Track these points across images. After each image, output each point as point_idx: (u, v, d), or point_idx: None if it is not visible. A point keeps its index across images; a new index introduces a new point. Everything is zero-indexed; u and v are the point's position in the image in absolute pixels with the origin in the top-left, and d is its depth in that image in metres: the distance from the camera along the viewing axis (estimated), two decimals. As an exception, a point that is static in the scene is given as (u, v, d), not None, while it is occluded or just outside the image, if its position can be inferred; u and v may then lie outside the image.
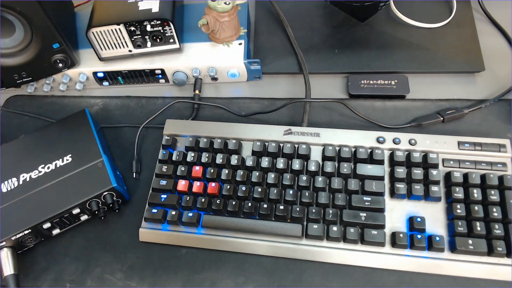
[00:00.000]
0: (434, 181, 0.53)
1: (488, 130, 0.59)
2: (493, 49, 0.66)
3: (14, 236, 0.52)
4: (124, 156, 0.63)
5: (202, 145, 0.58)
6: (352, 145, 0.56)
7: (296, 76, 0.68)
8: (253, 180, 0.55)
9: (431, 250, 0.50)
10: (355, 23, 0.71)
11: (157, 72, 0.67)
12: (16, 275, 0.51)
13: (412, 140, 0.56)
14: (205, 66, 0.66)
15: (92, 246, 0.56)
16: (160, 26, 0.62)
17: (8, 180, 0.56)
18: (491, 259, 0.49)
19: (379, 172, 0.54)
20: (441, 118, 0.60)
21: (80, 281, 0.53)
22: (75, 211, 0.54)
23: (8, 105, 0.70)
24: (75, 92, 0.70)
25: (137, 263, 0.54)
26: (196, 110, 0.66)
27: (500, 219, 0.50)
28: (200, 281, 0.52)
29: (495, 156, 0.54)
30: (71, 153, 0.57)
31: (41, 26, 0.59)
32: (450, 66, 0.65)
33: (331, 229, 0.51)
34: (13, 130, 0.67)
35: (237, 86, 0.69)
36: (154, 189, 0.57)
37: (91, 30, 0.62)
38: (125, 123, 0.66)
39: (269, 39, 0.71)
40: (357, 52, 0.67)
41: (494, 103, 0.61)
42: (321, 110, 0.64)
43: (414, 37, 0.68)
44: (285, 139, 0.58)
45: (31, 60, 0.62)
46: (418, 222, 0.50)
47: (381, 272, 0.50)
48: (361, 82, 0.64)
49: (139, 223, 0.56)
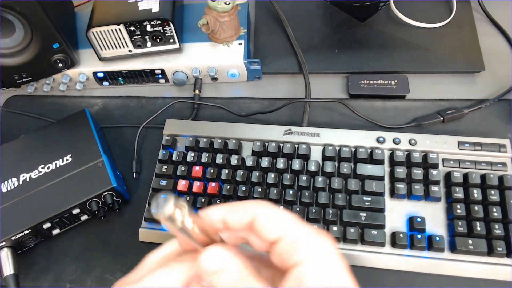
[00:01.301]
0: (434, 181, 0.53)
1: (488, 130, 0.59)
2: (493, 49, 0.66)
3: (14, 236, 0.52)
4: (124, 156, 0.63)
5: (202, 145, 0.58)
6: (352, 145, 0.56)
7: (296, 76, 0.68)
8: (253, 180, 0.55)
9: (431, 250, 0.50)
10: (355, 23, 0.71)
11: (157, 72, 0.67)
12: (16, 275, 0.51)
13: (412, 140, 0.56)
14: (205, 66, 0.66)
15: (92, 246, 0.56)
16: (160, 26, 0.62)
17: (8, 180, 0.56)
18: (491, 259, 0.49)
19: (379, 172, 0.54)
20: (441, 118, 0.60)
21: (80, 281, 0.53)
22: (75, 211, 0.54)
23: (8, 105, 0.70)
24: (75, 92, 0.70)
25: (137, 263, 0.54)
26: (196, 110, 0.66)
27: (500, 219, 0.50)
28: (200, 281, 0.52)
29: (495, 156, 0.54)
30: (71, 153, 0.57)
31: (41, 26, 0.59)
32: (450, 66, 0.65)
33: (331, 229, 0.51)
34: (13, 130, 0.67)
35: (237, 86, 0.69)
36: (154, 189, 0.57)
37: (91, 30, 0.62)
38: (125, 123, 0.66)
39: (269, 39, 0.71)
40: (357, 52, 0.67)
41: (494, 103, 0.61)
42: (321, 110, 0.64)
43: (414, 37, 0.68)
44: (285, 139, 0.58)
45: (31, 60, 0.62)
46: (418, 222, 0.50)
47: (381, 272, 0.50)
48: (361, 82, 0.64)
49: (139, 223, 0.56)
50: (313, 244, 0.26)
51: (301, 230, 0.27)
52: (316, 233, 0.27)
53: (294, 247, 0.26)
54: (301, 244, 0.26)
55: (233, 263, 0.26)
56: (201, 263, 0.26)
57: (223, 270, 0.26)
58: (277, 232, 0.27)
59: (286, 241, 0.27)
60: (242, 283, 0.25)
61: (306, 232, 0.27)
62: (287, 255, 0.26)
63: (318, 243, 0.27)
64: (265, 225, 0.27)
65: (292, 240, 0.27)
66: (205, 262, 0.26)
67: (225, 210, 0.28)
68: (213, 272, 0.26)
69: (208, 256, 0.26)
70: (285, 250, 0.27)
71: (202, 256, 0.26)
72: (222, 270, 0.26)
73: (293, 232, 0.27)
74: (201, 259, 0.26)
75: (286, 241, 0.27)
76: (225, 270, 0.26)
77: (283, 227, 0.27)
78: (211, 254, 0.26)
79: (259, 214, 0.28)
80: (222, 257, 0.26)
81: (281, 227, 0.27)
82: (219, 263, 0.26)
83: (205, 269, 0.26)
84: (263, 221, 0.27)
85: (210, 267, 0.26)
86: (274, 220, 0.27)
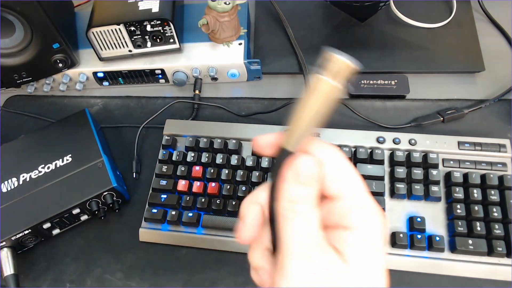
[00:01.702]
0: (434, 181, 0.53)
1: (488, 130, 0.59)
2: (493, 49, 0.66)
3: (14, 236, 0.52)
4: (124, 156, 0.63)
5: (202, 145, 0.58)
6: (352, 145, 0.56)
7: (296, 76, 0.68)
8: (253, 180, 0.55)
9: (431, 250, 0.50)
10: (355, 23, 0.71)
11: (157, 72, 0.67)
12: (16, 275, 0.51)
13: (412, 140, 0.56)
14: (205, 66, 0.66)
15: (92, 246, 0.56)
16: (160, 26, 0.62)
17: (8, 180, 0.56)
18: (491, 259, 0.49)
19: (379, 172, 0.54)
20: (441, 118, 0.60)
21: (80, 281, 0.53)
22: (75, 211, 0.54)
23: (8, 105, 0.70)
24: (75, 92, 0.70)
25: (137, 263, 0.54)
26: (196, 110, 0.66)
27: (500, 219, 0.50)
28: (200, 281, 0.52)
29: (495, 156, 0.54)
30: (71, 153, 0.57)
31: (41, 26, 0.59)
32: (450, 66, 0.65)
33: (331, 229, 0.51)
34: (13, 130, 0.67)
35: (237, 86, 0.69)
36: (154, 189, 0.57)
37: (91, 30, 0.62)
38: (125, 123, 0.66)
39: (269, 39, 0.71)
40: (357, 52, 0.67)
41: (494, 103, 0.61)
42: (321, 110, 0.64)
43: (414, 37, 0.68)
44: (285, 139, 0.58)
45: (31, 60, 0.62)
46: (418, 222, 0.50)
47: (381, 272, 0.50)
48: (361, 82, 0.64)
49: (139, 223, 0.56)
50: (365, 216, 0.26)
51: (360, 196, 0.27)
52: (372, 204, 0.27)
53: (349, 211, 0.26)
54: (355, 211, 0.26)
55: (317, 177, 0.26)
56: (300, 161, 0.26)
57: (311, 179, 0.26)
58: (340, 188, 0.27)
59: (345, 204, 0.26)
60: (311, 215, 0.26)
61: (363, 200, 0.27)
62: (340, 215, 0.26)
63: (371, 215, 0.26)
64: (331, 177, 0.27)
65: (350, 204, 0.26)
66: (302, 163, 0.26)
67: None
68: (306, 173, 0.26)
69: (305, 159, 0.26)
70: (340, 211, 0.26)
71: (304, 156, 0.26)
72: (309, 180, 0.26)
73: (352, 196, 0.27)
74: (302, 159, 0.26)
75: (344, 203, 0.26)
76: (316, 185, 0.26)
77: (346, 186, 0.27)
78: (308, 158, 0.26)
79: (329, 163, 0.27)
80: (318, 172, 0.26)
81: (345, 185, 0.27)
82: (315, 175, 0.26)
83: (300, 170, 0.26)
84: (330, 171, 0.27)
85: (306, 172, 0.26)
86: (342, 176, 0.27)
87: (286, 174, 0.26)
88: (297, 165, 0.26)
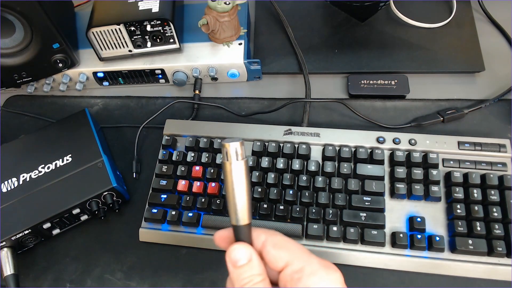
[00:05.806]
0: (434, 181, 0.53)
1: (488, 130, 0.59)
2: (493, 49, 0.66)
3: (14, 236, 0.52)
4: (124, 156, 0.63)
5: (202, 145, 0.58)
6: (352, 145, 0.56)
7: (296, 76, 0.68)
8: (253, 180, 0.55)
9: (431, 250, 0.50)
10: (355, 23, 0.71)
11: (157, 72, 0.67)
12: (16, 275, 0.51)
13: (412, 140, 0.56)
14: (205, 66, 0.66)
15: (92, 246, 0.56)
16: (160, 26, 0.62)
17: (8, 180, 0.56)
18: (491, 259, 0.49)
19: (379, 172, 0.54)
20: (441, 118, 0.60)
21: (80, 281, 0.53)
22: (75, 211, 0.54)
23: (8, 105, 0.70)
24: (75, 92, 0.70)
25: (137, 263, 0.54)
26: (196, 110, 0.66)
27: (500, 219, 0.50)
28: (200, 281, 0.52)
29: (495, 156, 0.54)
30: (71, 153, 0.57)
31: (41, 26, 0.59)
32: (450, 66, 0.65)
33: (331, 229, 0.51)
34: (13, 130, 0.67)
35: (237, 86, 0.69)
36: (154, 189, 0.57)
37: (91, 30, 0.62)
38: (125, 123, 0.66)
39: (269, 39, 0.71)
40: (357, 52, 0.67)
41: (494, 103, 0.61)
42: (321, 110, 0.64)
43: (414, 37, 0.68)
44: (285, 139, 0.58)
45: (31, 60, 0.62)
46: (418, 222, 0.50)
47: (381, 272, 0.50)
48: (361, 82, 0.64)
49: (139, 223, 0.56)
50: (317, 277, 0.29)
51: (307, 260, 0.30)
52: (322, 265, 0.30)
53: (299, 276, 0.29)
54: (305, 274, 0.29)
55: (257, 262, 0.30)
56: (232, 253, 0.30)
57: (248, 264, 0.30)
58: (283, 259, 0.30)
59: (293, 268, 0.29)
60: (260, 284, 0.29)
61: (312, 262, 0.29)
62: (292, 282, 0.29)
63: (322, 277, 0.29)
64: (272, 252, 0.30)
65: (298, 268, 0.29)
66: (234, 253, 0.30)
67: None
68: (239, 264, 0.30)
69: (237, 248, 0.31)
70: (290, 277, 0.29)
71: (234, 247, 0.31)
72: (247, 265, 0.30)
73: (299, 261, 0.29)
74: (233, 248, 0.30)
75: (292, 268, 0.29)
76: (250, 264, 0.30)
77: (290, 255, 0.30)
78: (241, 248, 0.31)
79: (267, 241, 0.30)
80: (248, 253, 0.30)
81: (288, 255, 0.30)
82: (246, 257, 0.30)
83: (233, 259, 0.30)
84: (269, 249, 0.30)
85: (237, 258, 0.30)
86: (281, 247, 0.30)
87: (227, 264, 0.31)
88: (230, 253, 0.31)
